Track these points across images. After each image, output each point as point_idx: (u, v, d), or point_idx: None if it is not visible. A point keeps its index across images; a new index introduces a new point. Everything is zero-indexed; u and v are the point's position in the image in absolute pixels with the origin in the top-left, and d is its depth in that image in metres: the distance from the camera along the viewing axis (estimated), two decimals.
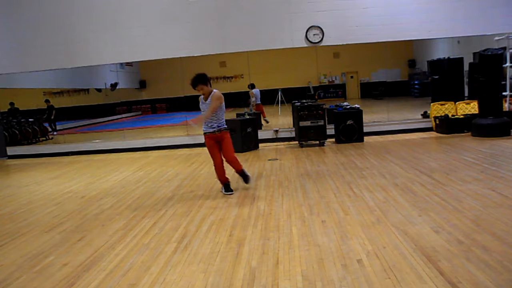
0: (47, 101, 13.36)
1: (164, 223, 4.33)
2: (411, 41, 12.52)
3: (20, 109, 12.92)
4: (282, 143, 9.73)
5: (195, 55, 9.84)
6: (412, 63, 15.88)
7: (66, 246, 3.90)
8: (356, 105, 9.28)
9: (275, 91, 13.64)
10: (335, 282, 2.75)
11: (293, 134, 9.82)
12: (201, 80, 5.10)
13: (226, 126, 5.32)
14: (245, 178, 5.47)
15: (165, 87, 16.75)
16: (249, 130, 8.85)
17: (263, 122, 11.52)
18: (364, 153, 7.54)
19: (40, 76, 10.91)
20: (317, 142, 8.88)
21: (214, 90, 5.17)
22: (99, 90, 15.55)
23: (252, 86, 11.95)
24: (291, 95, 13.54)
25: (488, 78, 8.07)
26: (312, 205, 4.53)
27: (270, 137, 9.95)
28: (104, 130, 14.70)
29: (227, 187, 5.37)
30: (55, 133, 13.38)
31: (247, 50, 9.77)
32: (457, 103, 9.58)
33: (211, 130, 5.22)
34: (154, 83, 19.12)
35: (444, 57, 10.19)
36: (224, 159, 5.34)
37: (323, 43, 9.56)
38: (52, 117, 13.20)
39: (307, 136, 8.80)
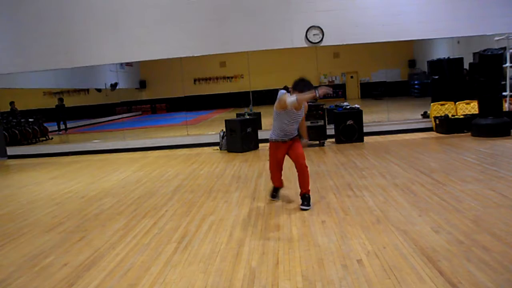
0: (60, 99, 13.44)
1: (164, 223, 4.33)
2: (411, 41, 12.51)
3: (20, 109, 12.91)
4: None
5: (195, 55, 9.84)
6: (412, 63, 15.89)
7: (66, 246, 3.90)
8: (356, 105, 9.28)
9: (275, 91, 13.66)
10: (335, 282, 2.75)
11: None
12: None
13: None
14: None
15: (165, 87, 16.75)
16: (249, 130, 8.85)
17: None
18: (364, 153, 7.54)
19: (40, 76, 10.92)
20: (317, 142, 8.88)
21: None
22: (99, 90, 15.57)
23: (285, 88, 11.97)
24: None
25: (488, 78, 8.08)
26: (312, 205, 4.53)
27: None
28: (104, 130, 14.71)
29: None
30: (62, 132, 13.40)
31: (247, 50, 9.78)
32: (457, 103, 9.59)
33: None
34: (154, 83, 19.13)
35: (444, 57, 10.19)
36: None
37: (323, 43, 9.56)
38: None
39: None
